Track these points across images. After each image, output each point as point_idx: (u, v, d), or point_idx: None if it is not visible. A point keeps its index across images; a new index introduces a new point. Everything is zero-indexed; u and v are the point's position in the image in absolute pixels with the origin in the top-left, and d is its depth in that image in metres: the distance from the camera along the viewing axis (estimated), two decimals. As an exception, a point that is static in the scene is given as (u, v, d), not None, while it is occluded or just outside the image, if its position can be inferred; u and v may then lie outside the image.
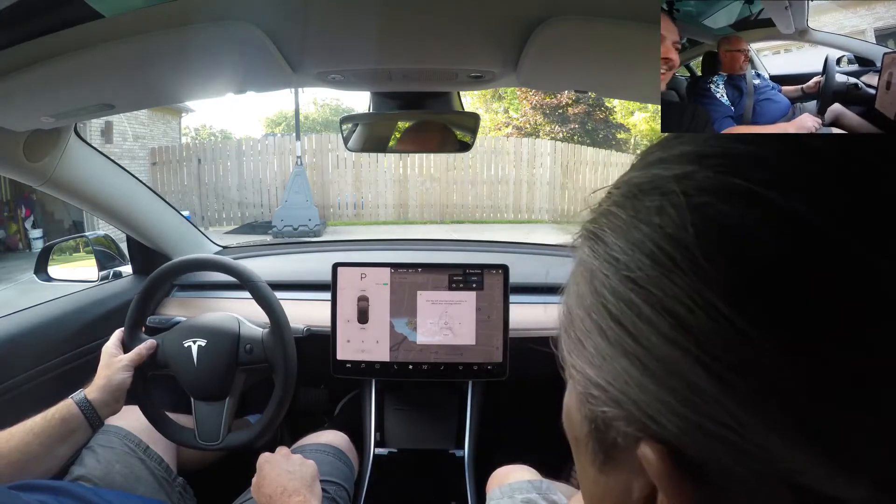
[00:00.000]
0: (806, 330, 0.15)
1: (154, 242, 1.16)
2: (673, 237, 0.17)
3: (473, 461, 1.01)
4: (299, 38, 0.55)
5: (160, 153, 8.72)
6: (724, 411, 0.16)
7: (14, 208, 7.45)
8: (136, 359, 0.83)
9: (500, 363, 1.00)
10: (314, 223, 7.79)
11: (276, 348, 0.88)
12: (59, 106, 0.68)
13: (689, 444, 0.17)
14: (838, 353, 0.15)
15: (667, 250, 0.17)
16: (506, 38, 0.53)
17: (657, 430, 0.17)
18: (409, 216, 8.92)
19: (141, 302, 0.90)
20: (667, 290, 0.17)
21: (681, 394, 0.17)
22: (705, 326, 0.16)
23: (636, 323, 0.18)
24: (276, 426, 0.90)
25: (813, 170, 0.16)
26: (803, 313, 0.15)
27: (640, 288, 0.18)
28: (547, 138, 10.22)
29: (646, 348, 0.17)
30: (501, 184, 9.10)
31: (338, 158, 8.64)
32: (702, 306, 0.16)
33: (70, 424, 0.73)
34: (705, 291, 0.16)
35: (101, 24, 0.47)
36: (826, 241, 0.15)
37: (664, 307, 0.17)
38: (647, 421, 0.18)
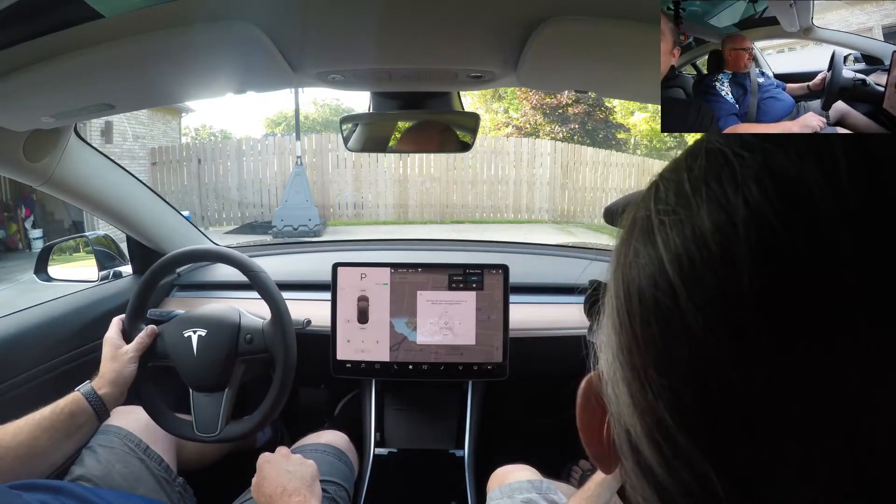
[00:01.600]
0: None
1: (154, 242, 1.16)
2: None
3: (473, 461, 1.01)
4: (299, 38, 0.55)
5: (160, 153, 8.71)
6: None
7: (14, 208, 7.45)
8: (140, 348, 0.84)
9: (500, 363, 1.00)
10: (314, 223, 7.79)
11: (276, 337, 0.88)
12: (59, 106, 0.68)
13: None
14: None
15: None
16: (506, 38, 0.53)
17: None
18: (409, 216, 8.92)
19: (142, 292, 0.89)
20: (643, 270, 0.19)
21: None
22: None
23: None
24: (275, 416, 0.89)
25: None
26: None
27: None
28: (547, 138, 10.22)
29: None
30: (501, 184, 9.10)
31: (338, 158, 8.64)
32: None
33: (78, 418, 0.73)
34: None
35: (101, 24, 0.47)
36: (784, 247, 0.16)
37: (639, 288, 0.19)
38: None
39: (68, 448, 0.73)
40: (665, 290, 0.17)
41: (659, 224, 0.18)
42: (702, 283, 0.16)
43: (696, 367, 0.16)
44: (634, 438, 0.19)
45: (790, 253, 0.15)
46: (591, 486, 0.64)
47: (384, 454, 1.02)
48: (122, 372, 0.79)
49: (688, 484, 0.17)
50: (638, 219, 0.20)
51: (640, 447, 0.19)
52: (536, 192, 9.19)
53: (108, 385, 0.77)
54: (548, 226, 9.06)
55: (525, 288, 1.14)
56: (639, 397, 0.18)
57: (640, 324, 0.18)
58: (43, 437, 0.69)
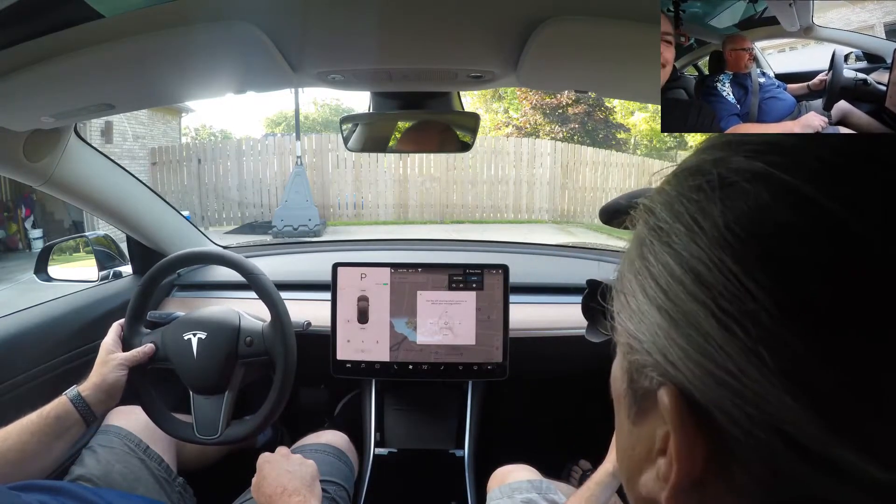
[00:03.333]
0: (802, 294, 0.17)
1: (154, 242, 1.16)
2: (704, 209, 0.20)
3: (473, 461, 1.01)
4: (299, 38, 0.55)
5: (160, 153, 8.71)
6: (729, 358, 0.18)
7: (14, 208, 7.45)
8: (131, 359, 0.83)
9: (500, 363, 1.00)
10: (314, 223, 7.79)
11: (276, 340, 0.88)
12: (59, 106, 0.68)
13: (700, 389, 0.19)
14: (830, 318, 0.17)
15: (698, 220, 0.20)
16: (506, 38, 0.53)
17: (676, 375, 0.20)
18: (409, 216, 8.92)
19: (141, 296, 0.89)
20: (693, 252, 0.20)
21: (696, 342, 0.19)
22: (719, 283, 0.19)
23: (669, 281, 0.21)
24: (275, 419, 0.89)
25: (822, 156, 0.19)
26: (800, 279, 0.17)
27: (675, 252, 0.21)
28: (547, 138, 10.22)
29: (674, 303, 0.20)
30: (501, 184, 9.10)
31: (338, 158, 8.64)
32: (717, 266, 0.19)
33: (65, 422, 0.73)
34: (721, 253, 0.19)
35: (101, 24, 0.47)
36: (828, 218, 0.17)
37: (690, 266, 0.20)
38: (669, 367, 0.21)
39: (59, 451, 0.73)
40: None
41: None
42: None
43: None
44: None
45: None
46: (590, 486, 0.64)
47: (384, 454, 1.02)
48: (106, 377, 0.79)
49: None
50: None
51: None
52: (536, 192, 9.19)
53: (92, 388, 0.77)
54: (548, 226, 9.06)
55: (525, 288, 1.14)
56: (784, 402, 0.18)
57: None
58: (31, 440, 0.70)
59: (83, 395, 0.76)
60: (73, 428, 0.74)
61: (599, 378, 0.35)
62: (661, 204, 0.23)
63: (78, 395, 0.75)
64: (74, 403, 0.74)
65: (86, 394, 0.76)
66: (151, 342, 0.88)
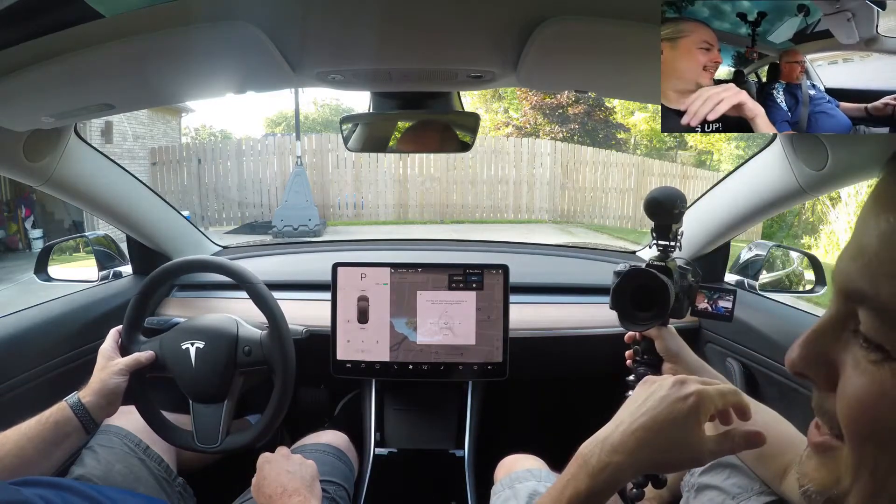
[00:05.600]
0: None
1: (154, 242, 1.16)
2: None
3: (473, 461, 1.01)
4: (299, 38, 0.55)
5: (160, 153, 8.70)
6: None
7: (14, 208, 7.44)
8: (131, 364, 0.83)
9: (500, 363, 1.00)
10: (314, 223, 7.79)
11: (274, 350, 0.87)
12: (59, 106, 0.68)
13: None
14: None
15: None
16: (506, 38, 0.53)
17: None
18: (409, 216, 8.92)
19: (139, 304, 0.89)
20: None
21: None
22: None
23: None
24: (276, 428, 0.89)
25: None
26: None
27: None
28: (547, 138, 10.22)
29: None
30: (501, 184, 9.10)
31: (338, 158, 8.64)
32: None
33: (64, 428, 0.73)
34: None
35: (101, 24, 0.47)
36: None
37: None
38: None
39: (57, 457, 0.73)
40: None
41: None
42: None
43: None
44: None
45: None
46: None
47: (384, 454, 1.02)
48: (107, 382, 0.78)
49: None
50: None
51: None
52: (536, 192, 9.19)
53: (93, 394, 0.77)
54: (548, 226, 9.06)
55: (525, 288, 1.14)
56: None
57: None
58: (29, 446, 0.69)
59: (84, 401, 0.75)
60: (72, 435, 0.74)
61: (599, 378, 0.35)
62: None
63: (78, 402, 0.75)
64: (75, 410, 0.74)
65: (86, 400, 0.75)
66: (150, 350, 0.88)
